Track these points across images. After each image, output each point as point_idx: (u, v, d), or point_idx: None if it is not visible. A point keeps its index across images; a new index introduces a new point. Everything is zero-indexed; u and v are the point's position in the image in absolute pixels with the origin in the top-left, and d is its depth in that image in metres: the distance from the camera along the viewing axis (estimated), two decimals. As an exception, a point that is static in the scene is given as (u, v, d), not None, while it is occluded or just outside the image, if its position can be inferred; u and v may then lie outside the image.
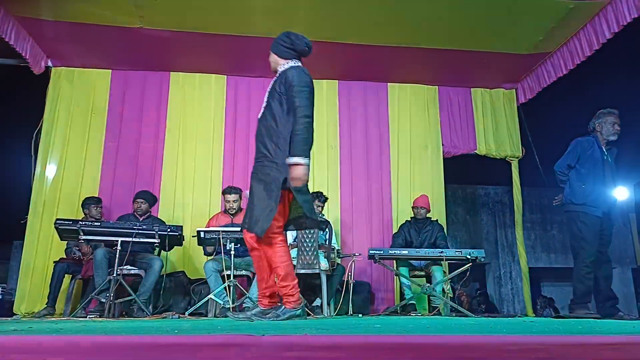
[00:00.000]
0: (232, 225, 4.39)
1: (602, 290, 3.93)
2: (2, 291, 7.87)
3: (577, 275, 3.89)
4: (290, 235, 4.41)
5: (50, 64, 5.49)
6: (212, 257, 4.43)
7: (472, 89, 6.08)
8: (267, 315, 2.75)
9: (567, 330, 1.84)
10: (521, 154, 5.91)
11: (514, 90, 6.11)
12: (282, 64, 2.85)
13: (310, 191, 5.00)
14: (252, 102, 5.69)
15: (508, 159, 5.94)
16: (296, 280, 2.81)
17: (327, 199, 4.92)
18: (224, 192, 4.74)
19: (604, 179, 3.94)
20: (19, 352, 1.00)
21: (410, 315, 4.38)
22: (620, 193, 8.57)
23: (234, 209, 4.63)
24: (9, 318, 4.39)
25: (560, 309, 9.17)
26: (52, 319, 3.95)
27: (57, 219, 4.01)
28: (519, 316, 5.00)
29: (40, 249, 5.00)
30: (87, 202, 4.90)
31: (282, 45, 2.86)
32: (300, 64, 2.87)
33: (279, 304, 2.82)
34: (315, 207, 4.84)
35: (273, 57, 2.91)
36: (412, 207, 5.11)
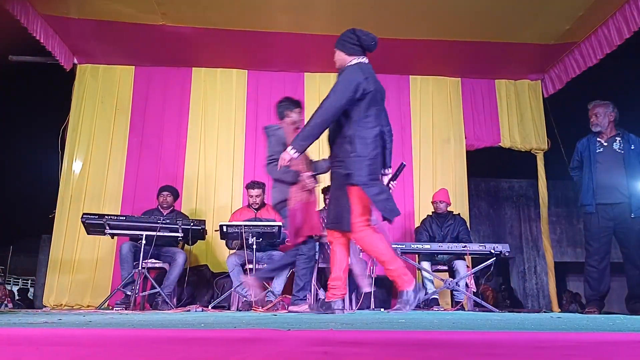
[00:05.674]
0: (256, 219, 4.41)
1: (631, 287, 3.86)
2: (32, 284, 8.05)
3: (584, 275, 4.04)
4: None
5: (75, 61, 5.60)
6: (234, 251, 4.46)
7: (496, 80, 5.95)
8: (395, 307, 2.78)
9: (596, 327, 1.79)
10: (547, 147, 5.77)
11: (540, 81, 5.97)
12: (348, 61, 2.86)
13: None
14: (272, 96, 5.66)
15: (533, 151, 5.80)
16: (399, 262, 2.79)
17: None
18: (247, 187, 4.75)
19: (592, 174, 4.00)
20: (51, 344, 1.02)
21: (432, 310, 4.35)
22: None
23: (257, 203, 4.64)
24: (39, 310, 4.51)
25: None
26: (80, 311, 4.05)
27: (84, 214, 4.09)
28: (544, 311, 4.91)
29: (67, 243, 5.12)
30: None
31: (348, 42, 2.87)
32: (364, 59, 2.87)
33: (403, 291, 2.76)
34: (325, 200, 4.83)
35: (339, 55, 2.92)
36: (432, 202, 5.04)
